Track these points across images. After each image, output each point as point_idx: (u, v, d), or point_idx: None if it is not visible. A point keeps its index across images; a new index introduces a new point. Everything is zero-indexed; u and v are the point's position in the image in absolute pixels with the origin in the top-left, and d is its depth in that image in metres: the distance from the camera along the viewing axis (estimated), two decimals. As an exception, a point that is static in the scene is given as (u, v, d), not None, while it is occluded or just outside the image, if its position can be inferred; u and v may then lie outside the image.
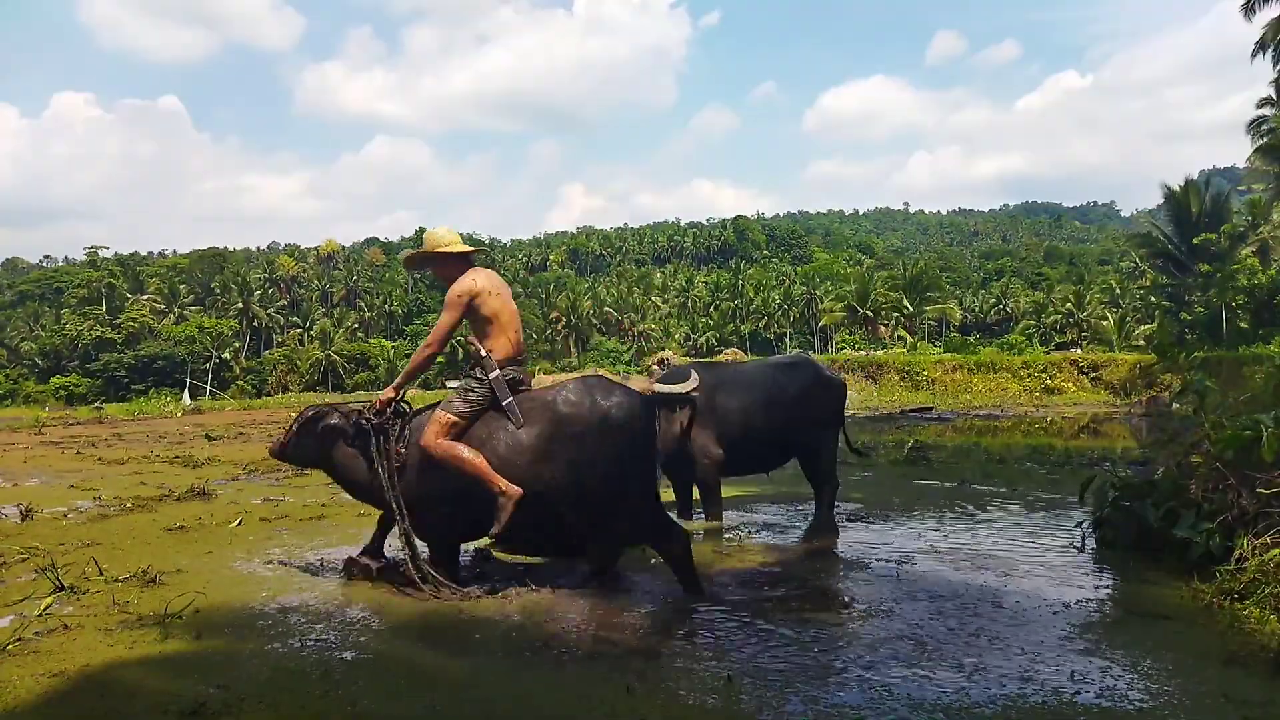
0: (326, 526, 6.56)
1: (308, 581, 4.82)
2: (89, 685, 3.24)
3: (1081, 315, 70.83)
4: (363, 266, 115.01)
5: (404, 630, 3.90)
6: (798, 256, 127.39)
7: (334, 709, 2.99)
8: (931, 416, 22.65)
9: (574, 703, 3.03)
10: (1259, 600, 3.84)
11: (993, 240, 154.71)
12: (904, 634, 3.79)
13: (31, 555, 5.42)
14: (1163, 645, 3.57)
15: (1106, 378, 31.81)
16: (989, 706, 2.96)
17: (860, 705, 2.99)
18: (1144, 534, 5.09)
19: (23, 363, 76.87)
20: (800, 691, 3.12)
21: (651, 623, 4.07)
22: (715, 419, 6.16)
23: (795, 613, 4.15)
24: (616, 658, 3.51)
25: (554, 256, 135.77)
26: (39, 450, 14.34)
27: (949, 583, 4.67)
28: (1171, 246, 41.37)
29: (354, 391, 64.38)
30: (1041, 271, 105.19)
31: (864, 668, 3.37)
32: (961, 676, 3.25)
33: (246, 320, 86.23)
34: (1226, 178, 58.15)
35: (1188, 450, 5.29)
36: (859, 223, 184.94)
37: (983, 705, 2.98)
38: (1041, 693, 3.08)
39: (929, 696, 3.05)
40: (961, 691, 3.10)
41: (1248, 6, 28.62)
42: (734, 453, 6.24)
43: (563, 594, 4.52)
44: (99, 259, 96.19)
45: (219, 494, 8.26)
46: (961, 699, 3.03)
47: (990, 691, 3.10)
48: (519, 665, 3.43)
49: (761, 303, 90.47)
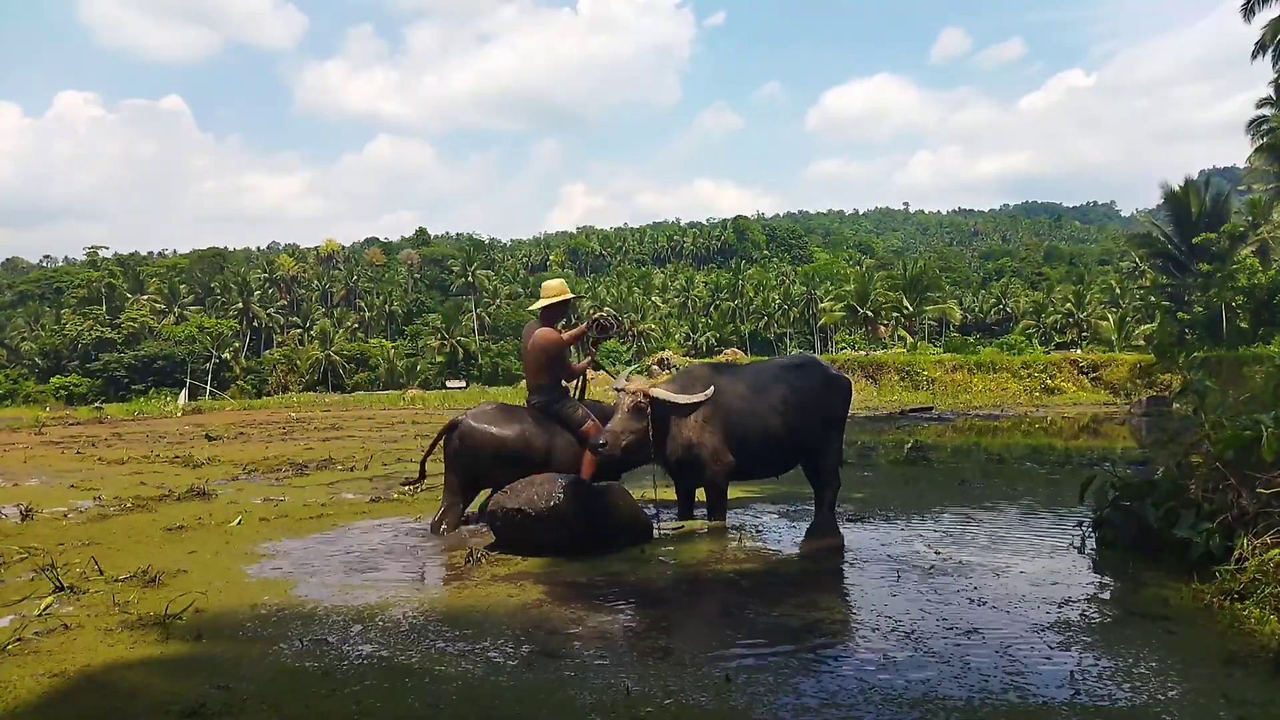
0: (326, 526, 6.56)
1: (308, 581, 4.82)
2: (89, 685, 3.24)
3: (1081, 315, 70.89)
4: (363, 266, 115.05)
5: (405, 630, 3.90)
6: (798, 256, 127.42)
7: (336, 709, 2.99)
8: (931, 416, 22.66)
9: (574, 702, 3.03)
10: (1259, 600, 3.84)
11: (993, 240, 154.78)
12: (903, 634, 3.79)
13: (31, 555, 5.42)
14: (1163, 645, 3.57)
15: (1106, 378, 31.83)
16: (987, 706, 2.96)
17: (857, 705, 2.99)
18: (1144, 534, 5.09)
19: (23, 363, 76.89)
20: (797, 690, 3.13)
21: (650, 623, 4.07)
22: (725, 422, 6.04)
23: (794, 613, 4.15)
24: (616, 658, 3.51)
25: (554, 256, 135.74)
26: (39, 450, 14.34)
27: (948, 582, 4.67)
28: (1171, 246, 41.39)
29: (353, 392, 64.36)
30: (1041, 271, 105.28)
31: (862, 667, 3.36)
32: (959, 675, 3.25)
33: (246, 320, 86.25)
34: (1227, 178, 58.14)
35: (1188, 450, 5.29)
36: (859, 223, 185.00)
37: (981, 704, 2.97)
38: (1041, 692, 3.08)
39: (927, 695, 3.05)
40: (960, 690, 3.10)
41: (1247, 7, 28.66)
42: (744, 456, 6.12)
43: (562, 594, 4.53)
44: (99, 259, 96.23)
45: (219, 494, 8.26)
46: (960, 698, 3.03)
47: (989, 691, 3.10)
48: (520, 665, 3.43)
49: (761, 303, 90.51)
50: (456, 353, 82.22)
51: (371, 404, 37.96)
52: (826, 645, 3.67)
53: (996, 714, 2.90)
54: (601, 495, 5.57)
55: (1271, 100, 32.78)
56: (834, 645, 3.68)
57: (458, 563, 5.21)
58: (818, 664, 3.43)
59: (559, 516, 5.30)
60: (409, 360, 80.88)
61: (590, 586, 4.70)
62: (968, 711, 2.92)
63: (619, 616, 4.14)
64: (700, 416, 5.97)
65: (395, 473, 10.11)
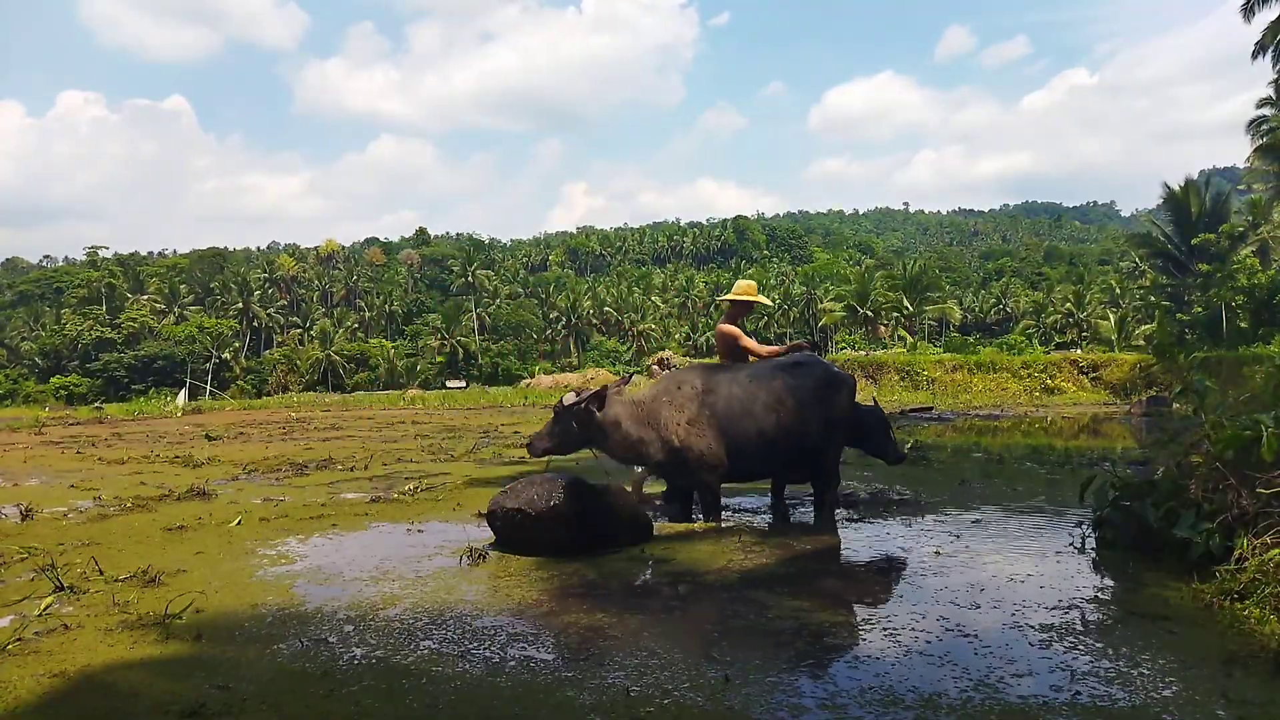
0: (326, 526, 6.56)
1: (308, 581, 4.82)
2: (89, 685, 3.24)
3: (1081, 315, 70.91)
4: (363, 266, 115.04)
5: (404, 630, 3.90)
6: (798, 256, 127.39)
7: (335, 709, 2.99)
8: (931, 416, 22.65)
9: (574, 702, 3.03)
10: (1259, 600, 3.84)
11: (993, 240, 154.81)
12: (902, 634, 3.79)
13: (31, 555, 5.42)
14: (1162, 645, 3.57)
15: (1106, 378, 31.82)
16: (986, 706, 2.96)
17: (855, 705, 2.99)
18: (1144, 534, 5.08)
19: (23, 363, 76.92)
20: (795, 690, 3.13)
21: (650, 623, 4.07)
22: (719, 423, 5.98)
23: (792, 614, 4.14)
24: (615, 658, 3.51)
25: (554, 256, 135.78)
26: (39, 450, 14.34)
27: (947, 583, 4.67)
28: (1171, 246, 41.42)
29: (353, 392, 64.36)
30: (1041, 271, 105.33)
31: (861, 667, 3.36)
32: (958, 676, 3.25)
33: (246, 320, 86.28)
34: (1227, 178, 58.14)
35: (1188, 450, 5.29)
36: (859, 223, 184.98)
37: (980, 704, 2.97)
38: (1040, 692, 3.08)
39: (926, 696, 3.05)
40: (958, 691, 3.10)
41: (1247, 8, 28.68)
42: (739, 459, 6.03)
43: (562, 594, 4.52)
44: (99, 259, 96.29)
45: (219, 494, 8.26)
46: (959, 698, 3.03)
47: (988, 691, 3.10)
48: (519, 665, 3.43)
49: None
50: (456, 353, 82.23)
51: (371, 404, 37.94)
52: (825, 646, 3.67)
53: (995, 714, 2.90)
54: (602, 495, 5.57)
55: (1271, 100, 32.80)
56: (832, 646, 3.68)
57: (458, 563, 5.21)
58: (816, 664, 3.43)
59: (559, 516, 5.30)
60: (409, 360, 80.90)
61: (590, 586, 4.70)
62: (966, 712, 2.92)
63: (618, 617, 4.14)
64: (687, 417, 5.95)
65: (395, 473, 10.11)
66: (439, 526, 6.48)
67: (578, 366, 69.41)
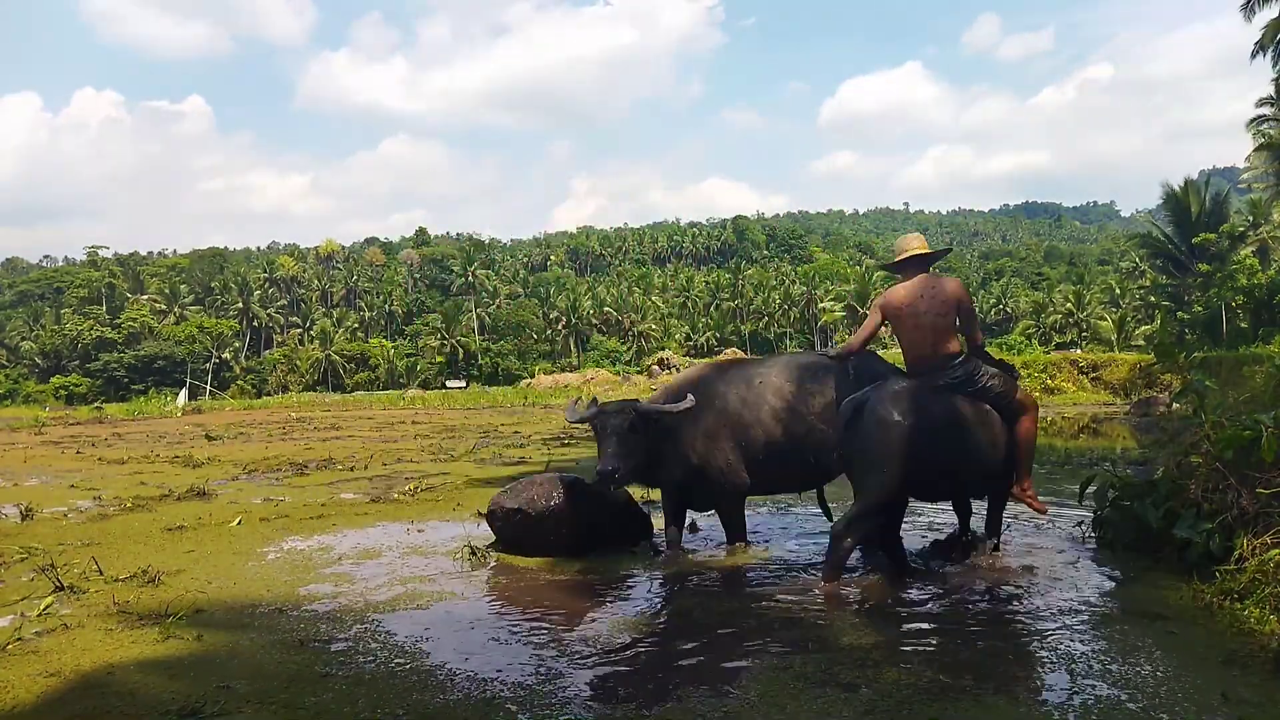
0: (326, 526, 6.56)
1: (308, 581, 4.82)
2: (89, 685, 3.24)
3: (1081, 315, 70.84)
4: (363, 266, 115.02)
5: (405, 630, 3.90)
6: (798, 257, 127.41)
7: (335, 709, 2.99)
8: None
9: (574, 702, 3.03)
10: (1259, 600, 3.84)
11: (993, 240, 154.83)
12: (901, 634, 3.79)
13: (31, 555, 5.42)
14: (1162, 645, 3.57)
15: (1106, 378, 31.78)
16: (985, 706, 2.96)
17: (853, 705, 2.98)
18: (1144, 534, 5.08)
19: (23, 362, 76.93)
20: (795, 691, 3.12)
21: (650, 624, 4.07)
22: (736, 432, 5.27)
23: (791, 614, 4.14)
24: (616, 659, 3.51)
25: (554, 256, 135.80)
26: (39, 450, 14.34)
27: (946, 582, 4.67)
28: (1171, 246, 41.38)
29: (353, 392, 64.37)
30: (1041, 271, 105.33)
31: (860, 668, 3.36)
32: (958, 676, 3.25)
33: (246, 320, 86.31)
34: (1227, 177, 58.13)
35: (1188, 450, 5.28)
36: (859, 223, 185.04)
37: (979, 704, 2.97)
38: (1040, 693, 3.08)
39: (924, 695, 3.05)
40: (958, 691, 3.10)
41: (1247, 7, 28.67)
42: (760, 470, 5.32)
43: (562, 594, 4.52)
44: (99, 259, 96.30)
45: (219, 494, 8.26)
46: (958, 698, 3.03)
47: (987, 691, 3.10)
48: (519, 666, 3.43)
49: (762, 303, 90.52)
50: (456, 353, 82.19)
51: (371, 404, 37.94)
52: (825, 646, 3.67)
53: (995, 714, 2.90)
54: (602, 495, 5.57)
55: (1271, 100, 32.78)
56: (832, 646, 3.67)
57: (458, 563, 5.20)
58: (815, 665, 3.42)
59: (559, 516, 5.30)
60: (409, 360, 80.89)
61: (590, 587, 4.70)
62: (965, 712, 2.92)
63: (619, 617, 4.14)
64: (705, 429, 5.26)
65: (395, 473, 10.11)
66: (439, 526, 6.49)
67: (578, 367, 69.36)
